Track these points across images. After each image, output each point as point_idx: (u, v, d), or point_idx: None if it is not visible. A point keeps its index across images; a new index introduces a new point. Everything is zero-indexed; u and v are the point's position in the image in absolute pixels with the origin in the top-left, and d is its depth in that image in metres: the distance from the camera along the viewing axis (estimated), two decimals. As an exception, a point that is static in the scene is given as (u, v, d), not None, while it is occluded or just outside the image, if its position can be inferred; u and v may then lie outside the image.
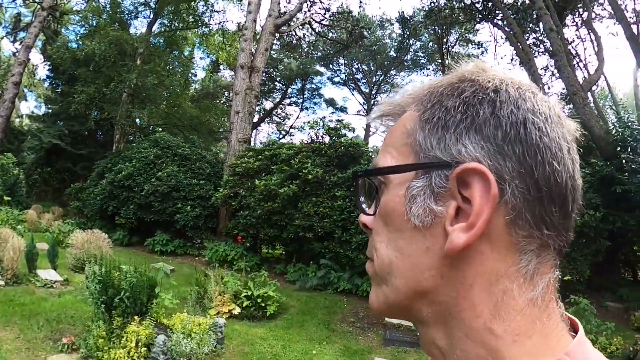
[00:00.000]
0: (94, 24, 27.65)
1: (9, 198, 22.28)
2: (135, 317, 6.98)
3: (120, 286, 7.48)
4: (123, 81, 24.22)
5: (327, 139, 16.39)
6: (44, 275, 10.88)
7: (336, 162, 15.23)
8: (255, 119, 31.41)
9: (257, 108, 34.82)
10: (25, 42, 28.22)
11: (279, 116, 46.00)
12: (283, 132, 44.83)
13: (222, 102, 36.11)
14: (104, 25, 25.14)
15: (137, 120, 26.32)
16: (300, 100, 43.00)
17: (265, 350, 8.38)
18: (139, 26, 30.36)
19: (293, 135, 43.17)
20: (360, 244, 13.06)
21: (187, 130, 25.92)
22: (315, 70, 39.68)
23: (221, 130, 34.60)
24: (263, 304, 10.36)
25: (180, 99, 25.00)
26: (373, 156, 15.00)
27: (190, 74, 33.47)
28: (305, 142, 17.09)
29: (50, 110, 35.63)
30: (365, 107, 42.51)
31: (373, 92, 42.09)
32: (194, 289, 10.42)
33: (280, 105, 43.58)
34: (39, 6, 29.18)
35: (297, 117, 44.52)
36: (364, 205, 0.71)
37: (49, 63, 35.75)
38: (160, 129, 27.00)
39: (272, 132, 47.88)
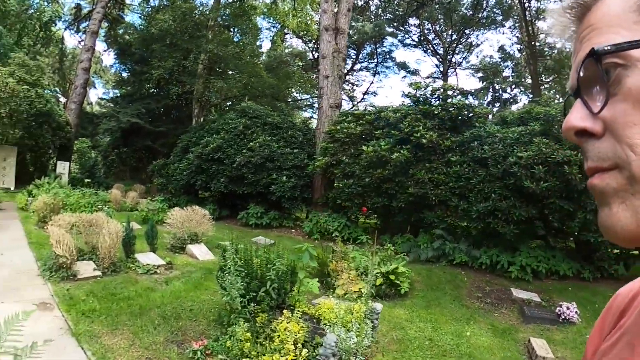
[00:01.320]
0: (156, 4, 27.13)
1: (89, 180, 22.99)
2: (284, 311, 5.83)
3: (265, 276, 6.42)
4: (202, 52, 23.48)
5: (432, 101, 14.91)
6: (143, 260, 9.94)
7: (448, 124, 13.79)
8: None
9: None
10: (90, 28, 29.12)
11: (350, 83, 44.01)
12: (356, 100, 43.20)
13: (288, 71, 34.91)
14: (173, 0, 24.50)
15: (215, 93, 25.41)
16: (373, 65, 41.31)
17: (417, 335, 7.22)
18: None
19: (366, 102, 41.46)
20: (483, 213, 11.67)
21: (268, 100, 25.06)
22: (390, 32, 37.76)
23: (300, 98, 33.75)
24: (397, 281, 9.19)
25: (257, 68, 24.00)
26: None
27: (257, 45, 32.61)
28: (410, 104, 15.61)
29: (121, 93, 35.91)
30: (441, 68, 40.24)
31: (448, 53, 39.74)
32: (314, 267, 9.30)
33: (350, 72, 41.68)
34: None
35: (372, 83, 43.09)
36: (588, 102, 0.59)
37: (115, 48, 36.16)
38: (241, 100, 26.34)
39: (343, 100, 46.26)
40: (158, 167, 23.02)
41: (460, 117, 13.82)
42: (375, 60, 40.83)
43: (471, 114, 13.90)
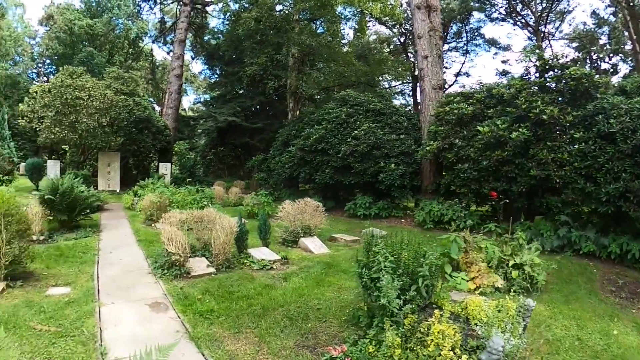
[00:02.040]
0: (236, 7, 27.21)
1: (190, 179, 23.82)
2: (435, 312, 4.95)
3: (417, 272, 5.66)
4: (293, 44, 23.16)
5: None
6: (257, 255, 9.59)
7: (567, 97, 12.53)
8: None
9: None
10: (177, 37, 30.58)
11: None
12: (448, 83, 41.44)
13: (381, 57, 33.98)
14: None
15: (310, 85, 24.93)
16: (462, 44, 39.62)
17: (565, 334, 6.28)
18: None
19: (458, 84, 40.09)
20: (613, 195, 10.39)
21: (361, 89, 24.27)
22: (476, 7, 36.00)
23: (390, 86, 32.87)
24: (535, 274, 8.20)
25: (348, 56, 23.36)
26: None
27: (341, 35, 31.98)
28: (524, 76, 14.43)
29: (212, 96, 36.94)
30: (534, 41, 37.79)
31: (539, 24, 37.30)
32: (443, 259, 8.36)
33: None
34: (181, 3, 30.89)
35: (463, 63, 41.46)
36: None
37: (203, 54, 37.57)
38: (334, 91, 25.91)
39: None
40: (258, 163, 23.11)
41: (578, 89, 12.40)
42: (464, 38, 39.12)
43: (590, 85, 12.44)
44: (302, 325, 6.12)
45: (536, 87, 13.07)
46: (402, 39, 37.16)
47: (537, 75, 13.85)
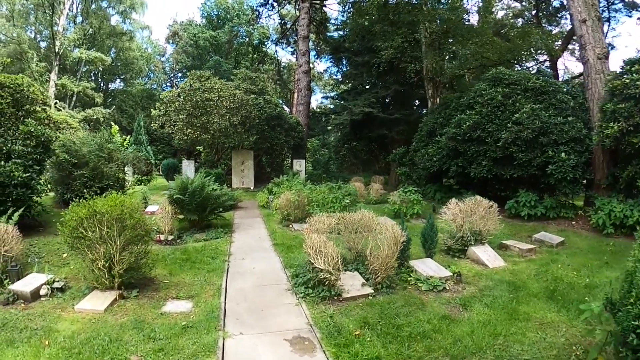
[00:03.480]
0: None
1: (324, 175, 23.27)
2: None
3: None
4: (430, 20, 21.02)
5: None
6: (422, 269, 7.64)
7: None
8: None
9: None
10: (300, 34, 29.99)
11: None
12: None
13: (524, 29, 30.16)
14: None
15: (454, 65, 22.53)
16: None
17: None
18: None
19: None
20: None
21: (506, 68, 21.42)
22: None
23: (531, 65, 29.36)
24: None
25: (487, 32, 20.54)
26: None
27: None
28: None
29: (339, 94, 36.22)
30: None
31: None
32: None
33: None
34: (299, 1, 30.76)
35: (606, 34, 36.14)
36: None
37: (328, 49, 37.04)
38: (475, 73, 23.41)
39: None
40: (399, 156, 21.16)
41: None
42: (602, 2, 33.79)
43: None
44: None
45: None
46: (533, 12, 33.02)
47: None
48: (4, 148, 11.11)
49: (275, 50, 47.80)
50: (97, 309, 6.10)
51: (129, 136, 29.34)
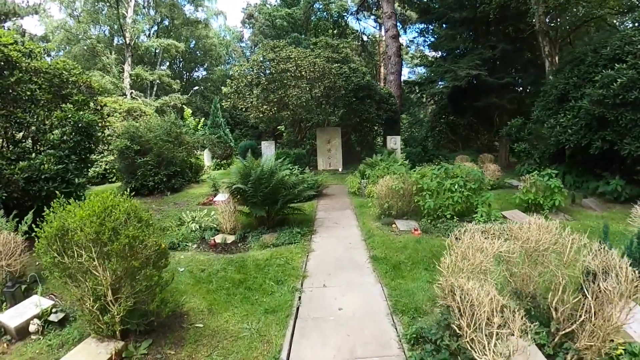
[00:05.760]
0: None
1: (420, 150, 19.94)
2: None
3: None
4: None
5: None
6: None
7: None
8: None
9: None
10: None
11: None
12: None
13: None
14: None
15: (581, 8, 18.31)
16: None
17: None
18: None
19: None
20: None
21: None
22: None
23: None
24: None
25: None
26: None
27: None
28: None
29: (434, 59, 31.98)
30: None
31: None
32: None
33: None
34: None
35: None
36: None
37: (416, 13, 33.70)
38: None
39: None
40: (515, 129, 17.11)
41: None
42: None
43: None
44: None
45: None
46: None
47: None
48: (41, 139, 9.57)
49: (358, 21, 44.88)
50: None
51: (203, 119, 28.04)
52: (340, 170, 19.35)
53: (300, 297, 5.45)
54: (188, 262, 6.87)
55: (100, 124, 11.13)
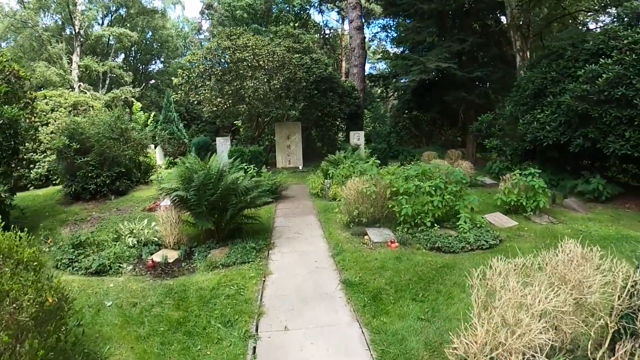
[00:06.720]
0: None
1: (386, 147, 19.36)
2: None
3: None
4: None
5: None
6: None
7: None
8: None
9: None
10: None
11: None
12: None
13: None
14: None
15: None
16: None
17: None
18: None
19: None
20: None
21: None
22: None
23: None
24: None
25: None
26: None
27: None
28: None
29: (398, 53, 30.87)
30: None
31: None
32: None
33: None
34: None
35: None
36: None
37: (380, 4, 32.04)
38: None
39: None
40: (485, 124, 16.22)
41: None
42: None
43: None
44: None
45: None
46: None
47: None
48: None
49: (321, 13, 43.94)
50: None
51: (153, 113, 26.48)
52: (300, 168, 18.24)
53: (255, 348, 4.17)
54: (118, 292, 5.52)
55: (29, 119, 9.69)
